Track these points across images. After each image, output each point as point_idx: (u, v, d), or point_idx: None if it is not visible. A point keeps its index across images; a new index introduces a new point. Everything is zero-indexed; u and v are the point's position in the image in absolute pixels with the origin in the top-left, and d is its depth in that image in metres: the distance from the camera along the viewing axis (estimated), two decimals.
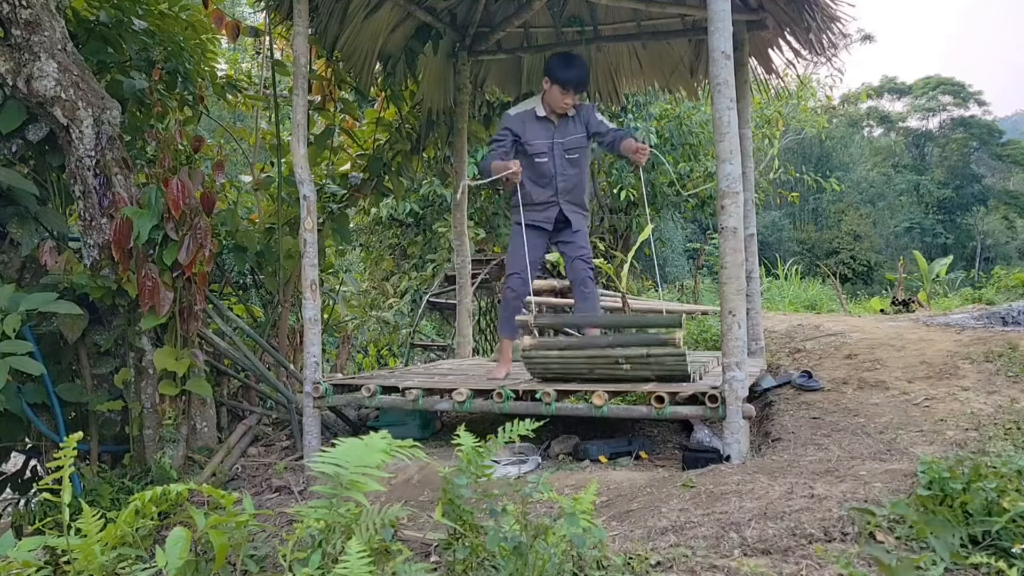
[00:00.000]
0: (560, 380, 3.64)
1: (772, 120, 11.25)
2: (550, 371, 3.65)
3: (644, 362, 3.41)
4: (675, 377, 3.48)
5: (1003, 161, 40.80)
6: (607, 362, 3.47)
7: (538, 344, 3.59)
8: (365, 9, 4.98)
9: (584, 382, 3.59)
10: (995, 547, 1.96)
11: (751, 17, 4.89)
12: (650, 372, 3.43)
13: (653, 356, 3.37)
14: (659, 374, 3.45)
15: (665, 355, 3.36)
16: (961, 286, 14.85)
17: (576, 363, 3.56)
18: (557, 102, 4.11)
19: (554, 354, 3.58)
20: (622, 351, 3.43)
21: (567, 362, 3.57)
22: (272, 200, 5.30)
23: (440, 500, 2.15)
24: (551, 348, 3.63)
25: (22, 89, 3.66)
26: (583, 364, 3.55)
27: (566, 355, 3.57)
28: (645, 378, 3.51)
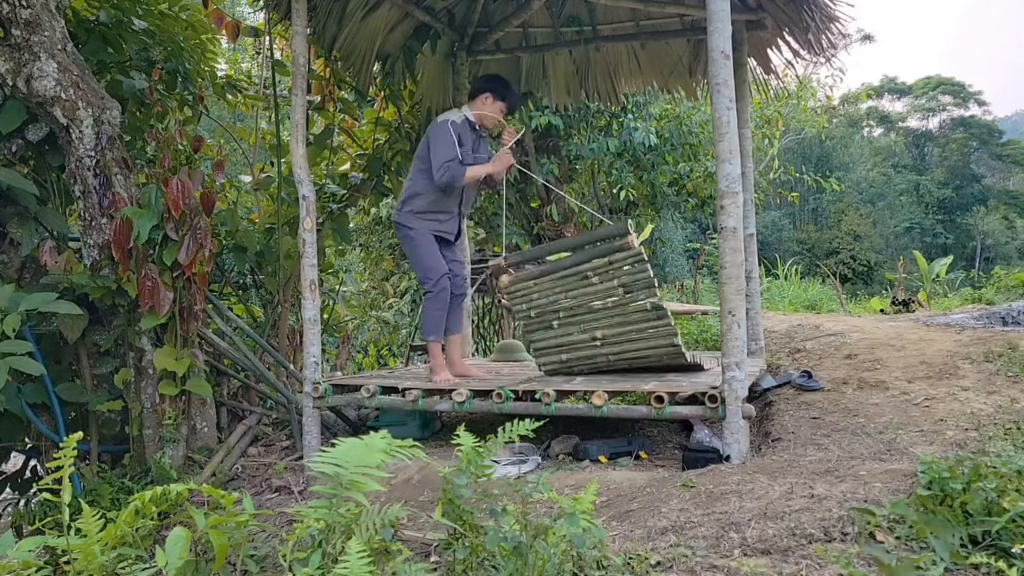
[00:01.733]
0: (543, 318, 3.96)
1: (772, 120, 11.24)
2: (533, 304, 3.95)
3: (607, 271, 3.71)
4: (638, 285, 3.70)
5: (1003, 161, 40.81)
6: (577, 279, 3.78)
7: (515, 279, 3.95)
8: (363, 9, 4.98)
9: (570, 318, 3.89)
10: (995, 547, 1.96)
11: (750, 17, 4.89)
12: (618, 283, 3.73)
13: (615, 263, 3.68)
14: (624, 284, 3.72)
15: (625, 260, 3.66)
16: (961, 286, 14.85)
17: (553, 291, 3.87)
18: (492, 120, 4.25)
19: (531, 284, 3.90)
20: (587, 266, 3.74)
21: (544, 291, 3.90)
22: (272, 200, 5.31)
23: (440, 500, 2.15)
24: (527, 279, 3.92)
25: (22, 89, 3.66)
26: (559, 290, 3.85)
27: (541, 283, 3.88)
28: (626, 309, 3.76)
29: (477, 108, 4.22)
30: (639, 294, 3.72)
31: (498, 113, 4.24)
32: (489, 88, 4.25)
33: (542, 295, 3.93)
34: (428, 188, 4.10)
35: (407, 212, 4.15)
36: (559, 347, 4.04)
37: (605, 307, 3.81)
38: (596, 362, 4.01)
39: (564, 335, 3.99)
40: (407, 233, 4.15)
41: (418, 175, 4.16)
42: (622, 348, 3.89)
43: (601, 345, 3.91)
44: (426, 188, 4.11)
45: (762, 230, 25.54)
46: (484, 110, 4.21)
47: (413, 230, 4.13)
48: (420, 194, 4.12)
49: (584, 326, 3.91)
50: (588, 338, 3.93)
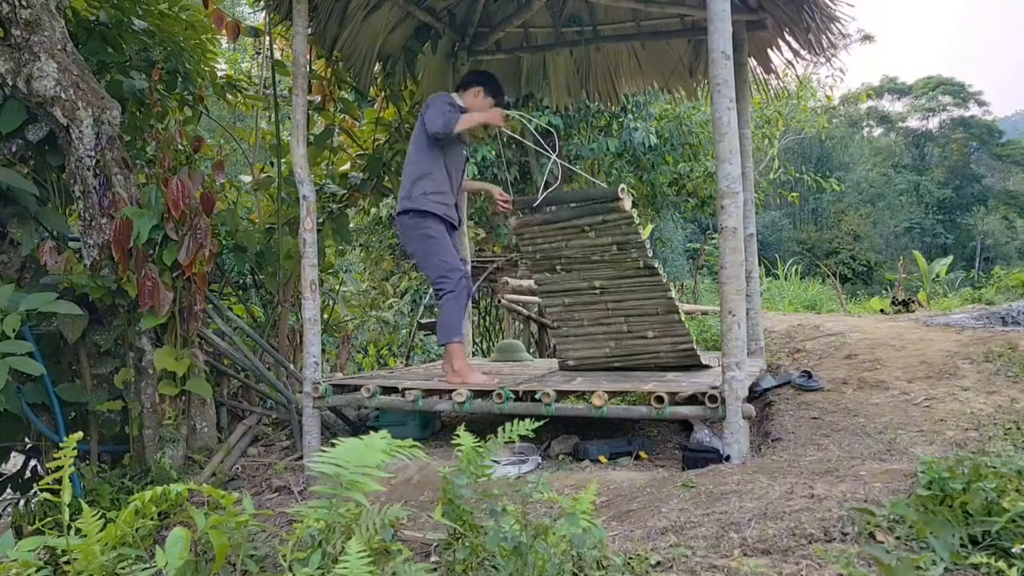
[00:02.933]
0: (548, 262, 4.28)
1: (772, 120, 11.25)
2: (540, 248, 4.26)
3: (602, 227, 4.01)
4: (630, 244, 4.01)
5: (1003, 161, 40.81)
6: (576, 231, 4.10)
7: (522, 222, 4.24)
8: (364, 9, 4.99)
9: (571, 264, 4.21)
10: (995, 547, 1.96)
11: (750, 17, 4.89)
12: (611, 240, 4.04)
13: (608, 222, 3.98)
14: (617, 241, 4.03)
15: (618, 220, 3.96)
16: (961, 286, 14.86)
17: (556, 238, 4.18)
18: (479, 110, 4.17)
19: (536, 229, 4.21)
20: (584, 220, 4.04)
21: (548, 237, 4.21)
22: (272, 200, 5.30)
23: (440, 500, 2.15)
24: (533, 224, 4.22)
25: (22, 89, 3.66)
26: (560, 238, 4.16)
27: (545, 229, 4.19)
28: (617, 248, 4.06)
29: (468, 100, 4.17)
30: (631, 251, 4.03)
31: (486, 108, 4.16)
32: (482, 82, 4.20)
33: (546, 240, 4.22)
34: (432, 165, 4.00)
35: (420, 195, 3.95)
36: (562, 291, 4.33)
37: (601, 260, 4.12)
38: (597, 311, 4.30)
39: (566, 280, 4.28)
40: (423, 228, 3.96)
41: (419, 155, 4.03)
42: (620, 297, 4.20)
43: (601, 293, 4.23)
44: (430, 166, 4.00)
45: (762, 230, 25.54)
46: (475, 103, 4.15)
47: (429, 221, 3.95)
48: (427, 174, 3.99)
49: (583, 274, 4.22)
50: (588, 285, 4.23)
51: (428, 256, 4.00)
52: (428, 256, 4.00)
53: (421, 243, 4.00)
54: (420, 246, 4.01)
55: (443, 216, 4.01)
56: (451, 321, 3.93)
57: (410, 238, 4.05)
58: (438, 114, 3.91)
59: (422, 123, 4.03)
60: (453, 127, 3.88)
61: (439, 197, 4.00)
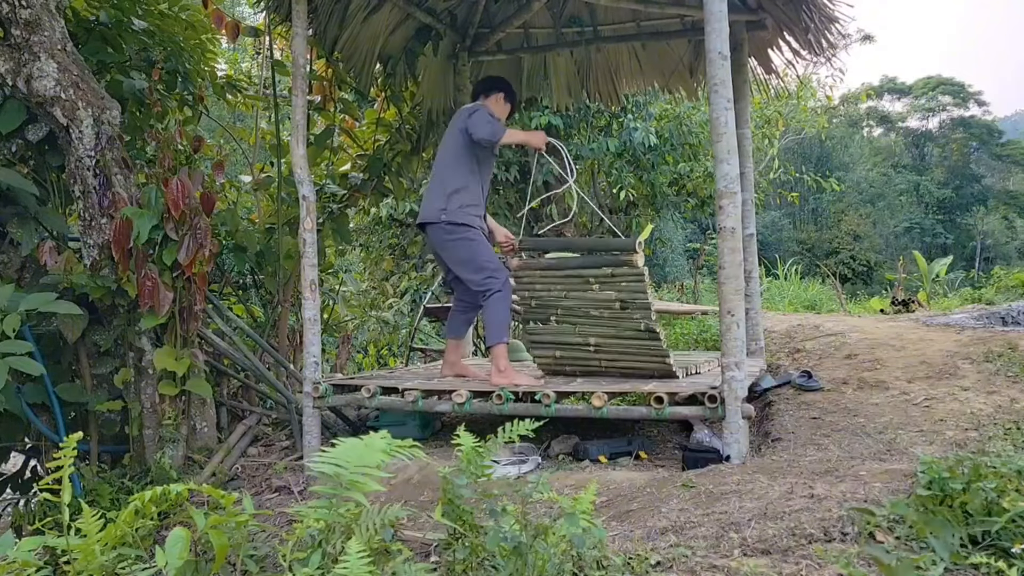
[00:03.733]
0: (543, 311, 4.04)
1: (772, 120, 11.24)
2: (536, 296, 4.04)
3: (609, 281, 3.79)
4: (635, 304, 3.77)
5: (1003, 161, 40.79)
6: (580, 281, 3.87)
7: (524, 264, 4.03)
8: (365, 10, 4.99)
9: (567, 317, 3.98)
10: (995, 547, 1.96)
11: (750, 17, 4.89)
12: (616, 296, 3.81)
13: (617, 276, 3.76)
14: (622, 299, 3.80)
15: (627, 276, 3.73)
16: (961, 286, 14.85)
17: (556, 287, 3.96)
18: (501, 118, 4.23)
19: (537, 274, 4.00)
20: (590, 271, 3.83)
21: (547, 284, 3.98)
22: (272, 200, 5.30)
23: (440, 500, 2.15)
24: (534, 268, 4.02)
25: (22, 89, 3.66)
26: (561, 287, 3.95)
27: (547, 275, 3.97)
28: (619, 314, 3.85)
29: (492, 105, 4.20)
30: (635, 312, 3.76)
31: (505, 114, 4.27)
32: (503, 88, 4.27)
33: (545, 287, 3.98)
34: (469, 178, 4.01)
35: (457, 208, 3.95)
36: (554, 343, 4.08)
37: (601, 316, 3.86)
38: (589, 366, 4.06)
39: (560, 333, 4.02)
40: (464, 234, 3.95)
41: (457, 166, 4.03)
42: (614, 358, 3.95)
43: (594, 351, 3.97)
44: (467, 178, 4.01)
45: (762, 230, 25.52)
46: (498, 109, 4.21)
47: (472, 229, 3.97)
48: (464, 187, 3.99)
49: (580, 329, 3.95)
50: (582, 342, 3.97)
51: (473, 258, 3.97)
52: (473, 258, 3.97)
53: (464, 247, 3.98)
54: (463, 250, 3.99)
55: (477, 227, 4.04)
56: (501, 321, 3.93)
57: (450, 245, 4.02)
58: (484, 121, 3.93)
59: (461, 132, 4.02)
60: (500, 136, 3.92)
61: (474, 210, 4.03)
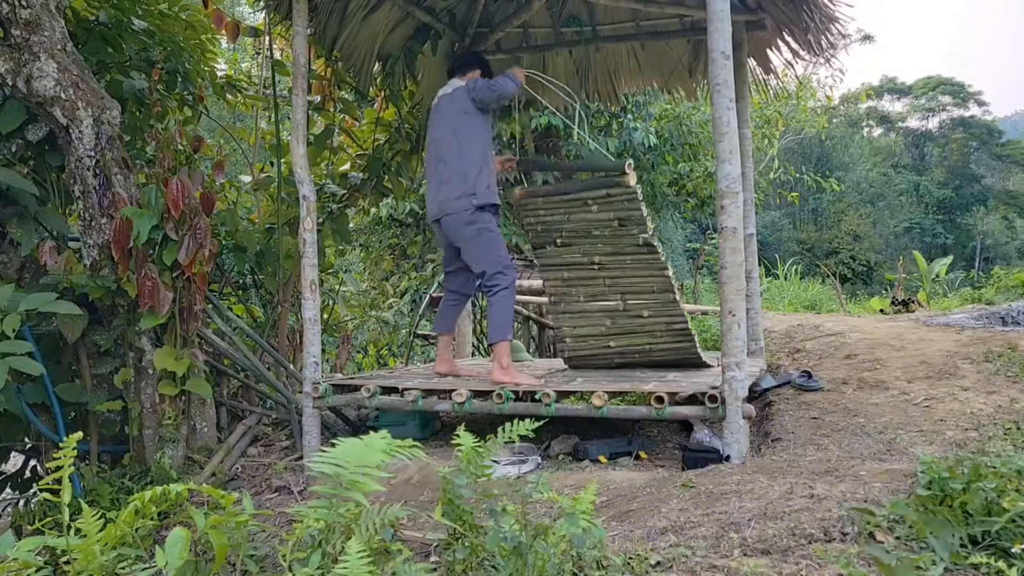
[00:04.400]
0: (548, 234, 4.27)
1: (772, 120, 11.25)
2: (540, 220, 4.25)
3: (606, 201, 4.01)
4: (632, 220, 4.02)
5: (1003, 161, 40.80)
6: (579, 204, 4.09)
7: (525, 192, 4.25)
8: (364, 9, 4.98)
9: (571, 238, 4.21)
10: (995, 547, 1.96)
11: (750, 17, 4.89)
12: (613, 215, 4.04)
13: (612, 196, 3.99)
14: (620, 217, 4.04)
15: (622, 195, 3.96)
16: (961, 286, 14.86)
17: (558, 210, 4.18)
18: None
19: (540, 200, 4.20)
20: (588, 194, 4.05)
21: (550, 209, 4.20)
22: (272, 200, 5.30)
23: (440, 500, 2.15)
24: (535, 195, 4.24)
25: (22, 89, 3.66)
26: (563, 211, 4.16)
27: (549, 200, 4.19)
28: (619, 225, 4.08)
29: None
30: (632, 227, 4.03)
31: None
32: (480, 65, 4.27)
33: (548, 212, 4.21)
34: (487, 153, 3.94)
35: (485, 188, 3.84)
36: (561, 265, 4.33)
37: (602, 235, 4.12)
38: (595, 287, 4.32)
39: (566, 254, 4.28)
40: (483, 222, 3.85)
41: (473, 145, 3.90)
42: (618, 274, 4.20)
43: (599, 269, 4.22)
44: (486, 153, 3.92)
45: (762, 230, 25.54)
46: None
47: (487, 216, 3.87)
48: (485, 164, 3.89)
49: (583, 249, 4.22)
50: (587, 261, 4.22)
51: (487, 251, 3.89)
52: (487, 251, 3.89)
53: (479, 237, 3.88)
54: (478, 240, 3.89)
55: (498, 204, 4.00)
56: (506, 318, 3.87)
57: (465, 232, 3.90)
58: (489, 85, 3.93)
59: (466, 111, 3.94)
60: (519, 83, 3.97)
61: (495, 187, 4.02)
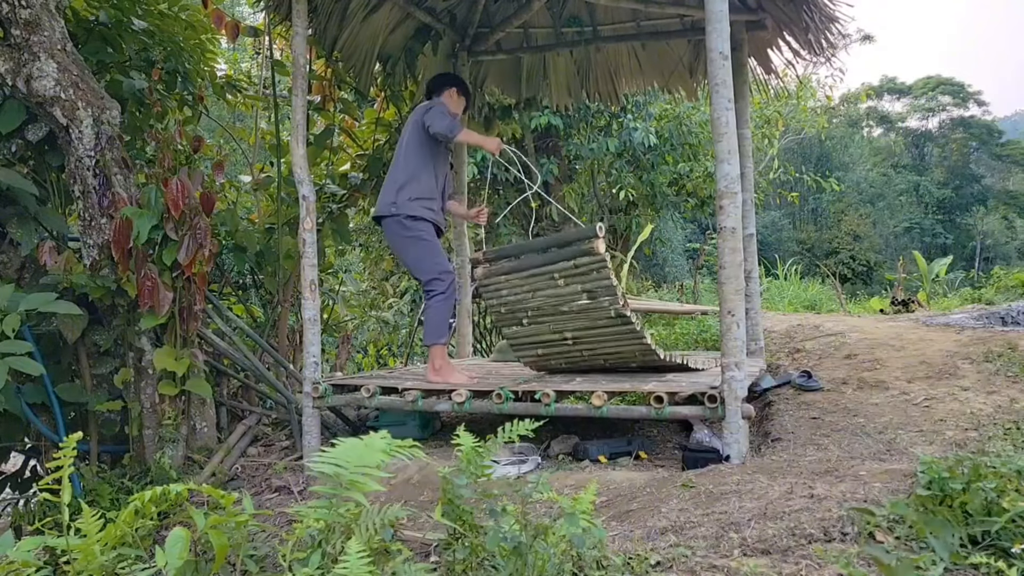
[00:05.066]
0: (513, 315, 4.00)
1: (772, 120, 11.25)
2: (504, 300, 4.00)
3: (573, 274, 3.71)
4: (601, 292, 3.68)
5: (1003, 161, 40.81)
6: (545, 279, 3.80)
7: (488, 272, 4.00)
8: (364, 9, 4.99)
9: (538, 317, 3.93)
10: (995, 547, 1.96)
11: (750, 17, 4.89)
12: (581, 288, 3.73)
13: (580, 267, 3.69)
14: (588, 289, 3.72)
15: (590, 264, 3.64)
16: (961, 286, 14.86)
17: (523, 289, 3.91)
18: (457, 112, 4.29)
19: (503, 279, 3.95)
20: (553, 267, 3.77)
21: (514, 288, 3.94)
22: (272, 200, 5.30)
23: (440, 500, 2.15)
24: (499, 273, 3.97)
25: (22, 89, 3.66)
26: (527, 288, 3.90)
27: (511, 279, 3.92)
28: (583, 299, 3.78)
29: (447, 100, 4.23)
30: (602, 300, 3.70)
31: (459, 108, 4.32)
32: (455, 84, 4.32)
33: (511, 292, 3.95)
34: (421, 171, 4.02)
35: (406, 200, 3.97)
36: (533, 343, 4.08)
37: (571, 310, 3.81)
38: (572, 358, 4.08)
39: (536, 333, 4.01)
40: (415, 231, 3.97)
41: (409, 158, 4.05)
42: (593, 347, 3.96)
43: (573, 343, 3.96)
44: (418, 171, 4.02)
45: (762, 230, 25.54)
46: (451, 103, 4.24)
47: (421, 225, 3.98)
48: (414, 178, 4.00)
49: (553, 326, 3.93)
50: (559, 337, 3.97)
51: (422, 258, 4.01)
52: (422, 258, 4.01)
53: (413, 246, 4.02)
54: (412, 249, 4.03)
55: (432, 220, 4.06)
56: (440, 323, 4.00)
57: (400, 241, 4.06)
58: (441, 116, 3.97)
59: (417, 126, 4.07)
60: (456, 134, 3.95)
61: (427, 203, 4.04)
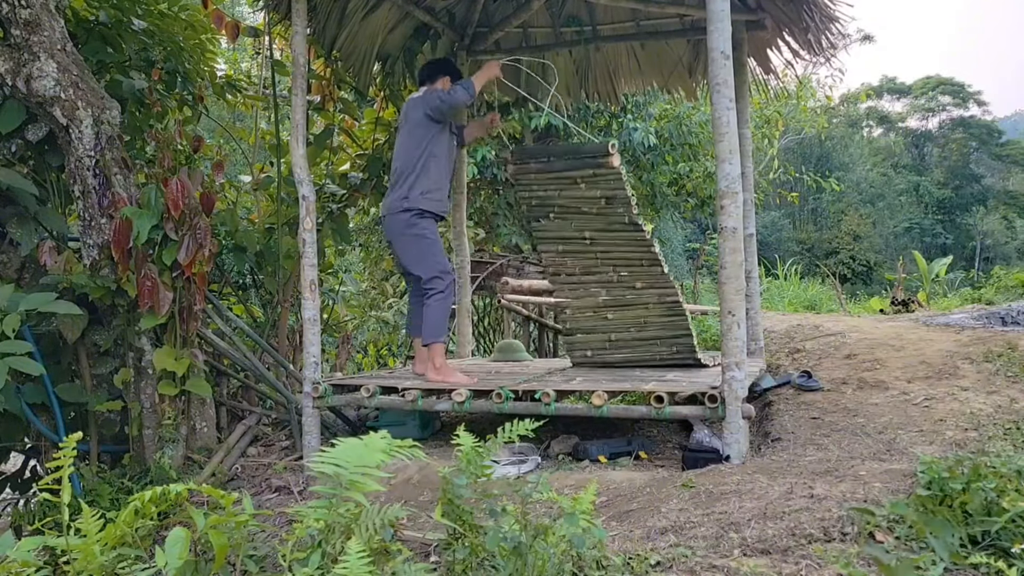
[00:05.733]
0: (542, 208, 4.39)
1: (771, 120, 11.24)
2: (534, 194, 4.38)
3: (593, 180, 4.16)
4: (617, 200, 4.17)
5: (1003, 161, 40.80)
6: (569, 182, 4.23)
7: (519, 169, 4.34)
8: (364, 9, 4.98)
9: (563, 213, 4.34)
10: (995, 547, 1.96)
11: (750, 17, 4.89)
12: (600, 193, 4.19)
13: (599, 175, 4.13)
14: (606, 196, 4.18)
15: (607, 175, 4.12)
16: (960, 286, 14.86)
17: (549, 186, 4.31)
18: None
19: (532, 176, 4.33)
20: (576, 172, 4.18)
21: (543, 184, 4.32)
22: (272, 200, 5.30)
23: (440, 500, 2.15)
24: (528, 172, 4.34)
25: (22, 89, 3.66)
26: (553, 187, 4.30)
27: (540, 177, 4.31)
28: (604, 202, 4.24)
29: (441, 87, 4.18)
30: (617, 206, 4.17)
31: None
32: (448, 71, 4.30)
33: (541, 187, 4.35)
34: (429, 163, 4.01)
35: (418, 195, 3.96)
36: (557, 238, 4.43)
37: (590, 212, 4.25)
38: (587, 259, 4.43)
39: (559, 228, 4.38)
40: (420, 228, 3.97)
41: (412, 152, 4.02)
42: (608, 248, 4.34)
43: (590, 243, 4.34)
44: (426, 164, 4.01)
45: (762, 230, 25.52)
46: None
47: (427, 224, 3.99)
48: (423, 172, 4.00)
49: (575, 224, 4.33)
50: (579, 235, 4.34)
51: (424, 256, 4.01)
52: (424, 256, 4.01)
53: (415, 243, 4.02)
54: (414, 245, 4.03)
55: (438, 213, 4.08)
56: (440, 321, 4.01)
57: (403, 237, 4.05)
58: (444, 95, 3.98)
59: (419, 120, 4.03)
60: (472, 90, 4.01)
61: (436, 194, 4.04)
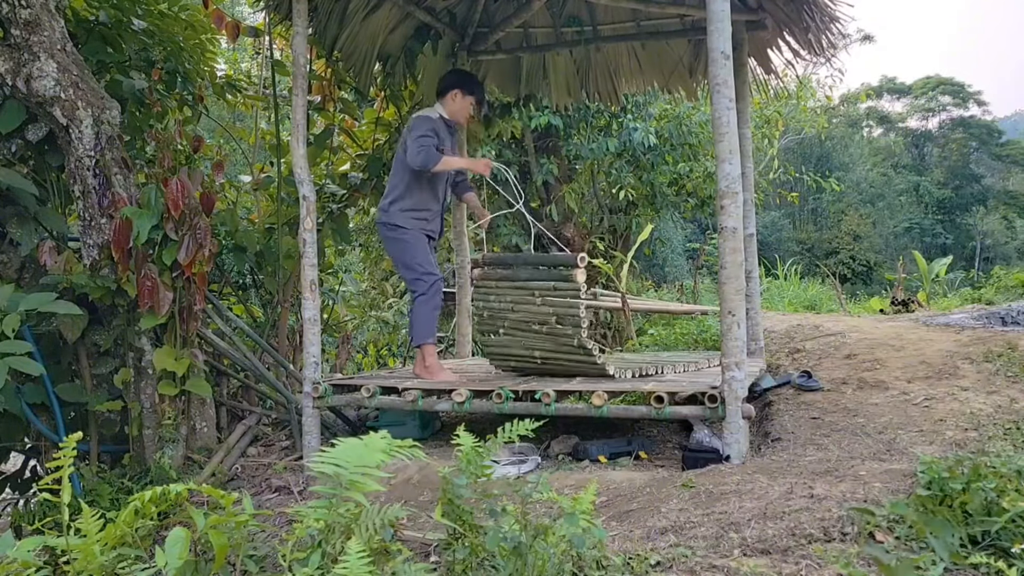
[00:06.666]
0: (493, 322, 4.08)
1: (771, 120, 11.23)
2: (489, 307, 4.09)
3: (550, 295, 3.85)
4: (568, 321, 3.78)
5: (1003, 161, 40.79)
6: (525, 293, 3.94)
7: (484, 275, 4.11)
8: (364, 9, 4.98)
9: (513, 329, 4.03)
10: (995, 547, 1.96)
11: (750, 17, 4.89)
12: (552, 311, 3.84)
13: (559, 289, 3.81)
14: (558, 314, 3.82)
15: (567, 291, 3.78)
16: (960, 286, 14.86)
17: (506, 298, 4.02)
18: (464, 115, 4.30)
19: (493, 284, 4.08)
20: (537, 284, 3.91)
21: (500, 295, 4.05)
22: (272, 200, 5.30)
23: (440, 500, 2.15)
24: (492, 279, 4.08)
25: (22, 89, 3.66)
26: (510, 299, 4.01)
27: (500, 286, 4.04)
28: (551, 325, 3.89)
29: (448, 105, 4.24)
30: (567, 328, 3.78)
31: (468, 108, 4.30)
32: (457, 84, 4.28)
33: (497, 299, 4.07)
34: (413, 184, 4.12)
35: (396, 211, 4.13)
36: (508, 355, 4.15)
37: (540, 331, 3.89)
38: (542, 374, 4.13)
39: (508, 345, 4.08)
40: (398, 234, 4.13)
41: (402, 172, 4.14)
42: (561, 369, 4.01)
43: (541, 363, 4.04)
44: (411, 185, 4.12)
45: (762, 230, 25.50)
46: (455, 106, 4.24)
47: (405, 230, 4.12)
48: (407, 192, 4.13)
49: (525, 342, 4.00)
50: (528, 354, 4.04)
51: (403, 259, 4.18)
52: (403, 259, 4.18)
53: (396, 246, 4.19)
54: (396, 249, 4.21)
55: (421, 231, 4.17)
56: (423, 322, 4.12)
57: (388, 243, 4.26)
58: (418, 147, 3.97)
59: (404, 145, 4.12)
60: (432, 165, 3.98)
61: (416, 214, 4.15)
